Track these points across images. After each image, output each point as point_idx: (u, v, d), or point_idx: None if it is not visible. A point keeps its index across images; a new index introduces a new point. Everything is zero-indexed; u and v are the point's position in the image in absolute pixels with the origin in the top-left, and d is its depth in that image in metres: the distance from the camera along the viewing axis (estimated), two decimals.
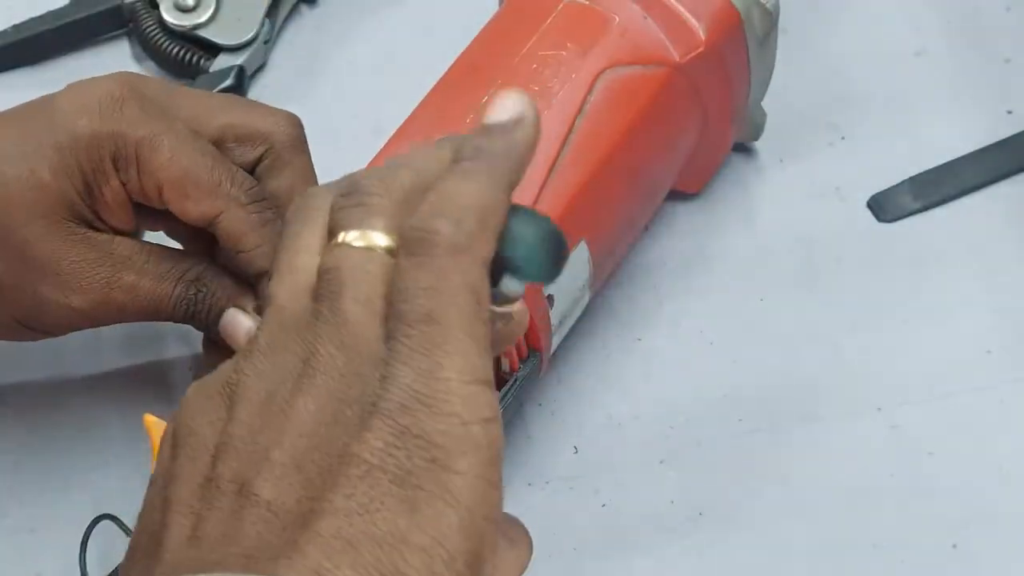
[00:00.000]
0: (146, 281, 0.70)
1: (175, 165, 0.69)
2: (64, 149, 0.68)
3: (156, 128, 0.69)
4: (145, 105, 0.69)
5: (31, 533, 0.76)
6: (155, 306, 0.70)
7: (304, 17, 0.92)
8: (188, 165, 0.69)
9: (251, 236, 0.69)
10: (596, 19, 0.76)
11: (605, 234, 0.75)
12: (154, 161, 0.68)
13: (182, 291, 0.70)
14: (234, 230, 0.69)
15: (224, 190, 0.69)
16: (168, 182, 0.69)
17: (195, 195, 0.69)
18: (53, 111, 0.69)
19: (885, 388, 0.80)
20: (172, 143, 0.69)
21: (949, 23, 0.91)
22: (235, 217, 0.69)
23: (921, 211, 0.85)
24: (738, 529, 0.76)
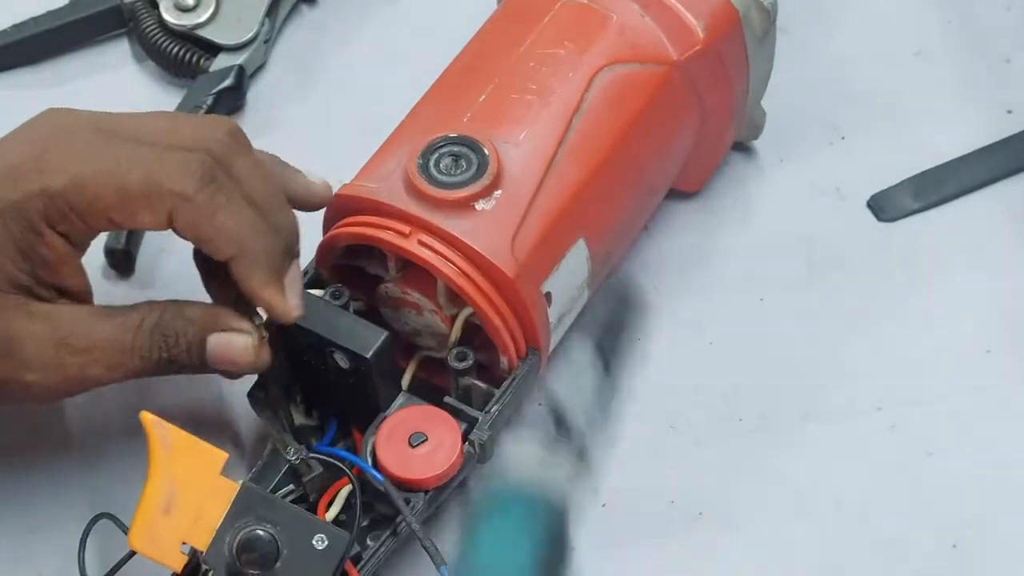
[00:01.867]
0: (99, 341, 0.68)
1: (107, 189, 0.67)
2: (3, 193, 0.67)
3: (76, 166, 0.67)
4: (63, 147, 0.68)
5: (31, 533, 0.76)
6: (121, 365, 0.69)
7: (304, 17, 0.92)
8: (121, 183, 0.67)
9: (204, 226, 0.68)
10: (594, 17, 0.76)
11: (604, 233, 0.75)
12: (85, 197, 0.67)
13: (144, 341, 0.69)
14: (188, 223, 0.68)
15: (168, 188, 0.67)
16: (110, 208, 0.67)
17: (144, 204, 0.68)
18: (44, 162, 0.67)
19: (885, 388, 0.80)
20: (95, 171, 0.67)
21: (949, 23, 0.91)
22: (185, 211, 0.68)
23: (921, 211, 0.85)
24: (738, 529, 0.76)
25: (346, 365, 0.71)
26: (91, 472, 0.77)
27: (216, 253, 0.69)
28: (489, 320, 0.70)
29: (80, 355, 0.68)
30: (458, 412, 0.72)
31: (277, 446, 0.72)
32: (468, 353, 0.72)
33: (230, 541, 0.66)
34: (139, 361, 0.69)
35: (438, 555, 0.68)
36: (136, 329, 0.69)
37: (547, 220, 0.71)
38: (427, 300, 0.72)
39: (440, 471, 0.70)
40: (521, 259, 0.70)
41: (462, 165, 0.71)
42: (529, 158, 0.72)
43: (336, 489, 0.71)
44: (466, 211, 0.70)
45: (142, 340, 0.69)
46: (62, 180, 0.67)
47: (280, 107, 0.89)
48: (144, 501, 0.66)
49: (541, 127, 0.73)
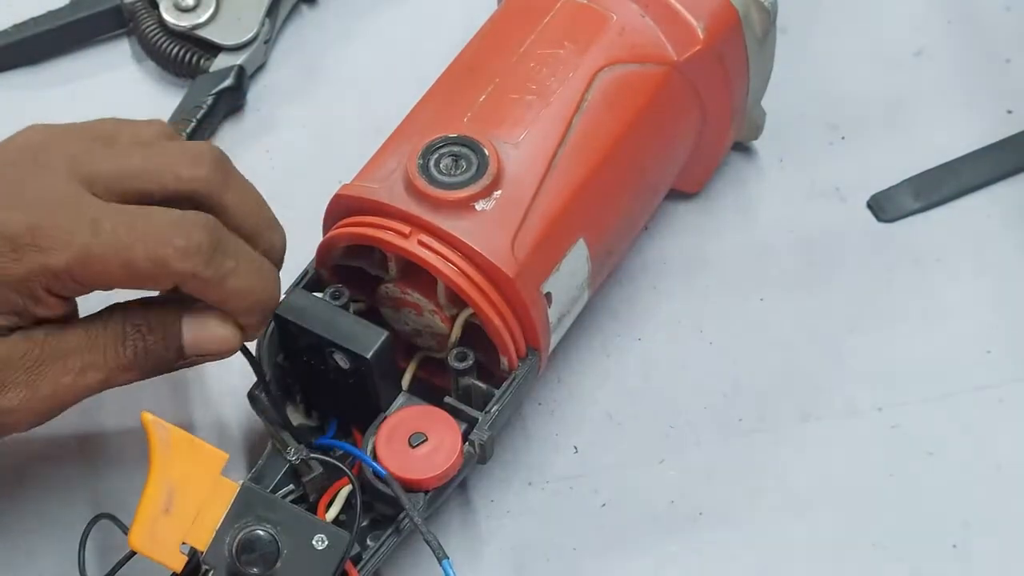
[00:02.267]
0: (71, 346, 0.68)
1: (112, 266, 0.67)
2: None
3: (76, 239, 0.66)
4: (54, 214, 0.66)
5: (31, 533, 0.76)
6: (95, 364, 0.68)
7: (304, 17, 0.92)
8: (126, 259, 0.67)
9: (215, 293, 0.69)
10: (594, 18, 0.76)
11: (604, 233, 0.75)
12: (90, 273, 0.66)
13: (114, 334, 0.68)
14: (198, 291, 0.68)
15: (174, 267, 0.67)
16: (115, 281, 0.67)
17: (144, 279, 0.67)
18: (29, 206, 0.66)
19: (885, 388, 0.80)
20: (98, 246, 0.66)
21: (949, 23, 0.91)
22: (194, 285, 0.68)
23: (921, 211, 0.85)
24: (738, 529, 0.76)
25: (346, 365, 0.71)
26: (91, 472, 0.77)
27: (225, 309, 0.70)
28: (489, 320, 0.71)
29: (56, 368, 0.68)
30: (458, 412, 0.72)
31: (277, 446, 0.72)
32: (468, 353, 0.72)
33: (230, 541, 0.66)
34: (113, 355, 0.69)
35: (440, 549, 0.68)
36: (105, 323, 0.69)
37: (547, 220, 0.71)
38: (427, 300, 0.72)
39: (440, 471, 0.70)
40: (521, 259, 0.70)
41: (462, 165, 0.71)
42: (529, 158, 0.72)
43: (336, 489, 0.71)
44: (466, 211, 0.70)
45: (112, 332, 0.69)
46: (64, 258, 0.66)
47: (280, 107, 0.89)
48: (144, 501, 0.66)
49: (541, 127, 0.73)
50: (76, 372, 0.68)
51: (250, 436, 0.77)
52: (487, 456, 0.72)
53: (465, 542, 0.75)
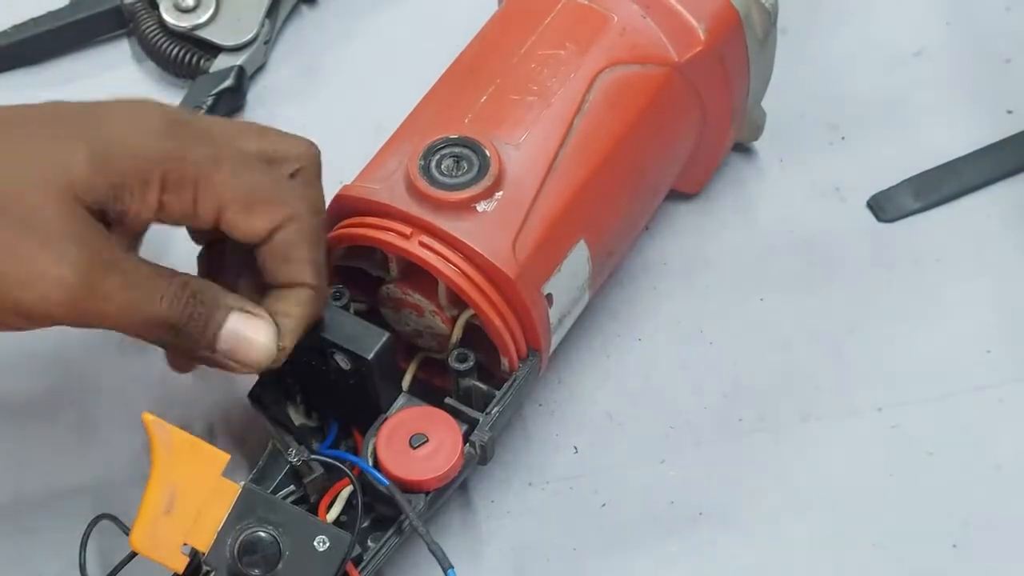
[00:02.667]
0: (142, 270, 0.67)
1: (240, 183, 0.68)
2: (110, 154, 0.66)
3: (212, 148, 0.68)
4: (193, 128, 0.68)
5: (31, 533, 0.76)
6: (146, 301, 0.66)
7: (304, 17, 0.93)
8: (252, 181, 0.68)
9: (305, 247, 0.69)
10: (595, 18, 0.76)
11: (604, 233, 0.75)
12: (217, 179, 0.67)
13: (177, 290, 0.67)
14: (292, 240, 0.68)
15: (286, 201, 0.68)
16: (233, 201, 0.68)
17: (261, 210, 0.68)
18: (104, 116, 0.67)
19: (885, 388, 0.80)
20: (231, 162, 0.68)
21: (949, 23, 0.91)
22: (297, 228, 0.68)
23: (921, 211, 0.85)
24: (738, 529, 0.76)
25: (347, 366, 0.71)
26: (92, 472, 0.77)
27: (298, 276, 0.69)
28: (490, 321, 0.71)
29: (117, 279, 0.66)
30: (459, 413, 0.72)
31: (278, 447, 0.72)
32: (469, 354, 0.72)
33: (231, 542, 0.66)
34: (165, 307, 0.67)
35: (445, 559, 0.68)
36: (171, 277, 0.68)
37: (548, 221, 0.71)
38: (428, 301, 0.72)
39: (441, 472, 0.70)
40: (522, 260, 0.70)
41: (463, 166, 0.71)
42: (530, 159, 0.72)
43: (337, 490, 0.71)
44: (467, 212, 0.70)
45: (176, 291, 0.67)
46: (202, 153, 0.67)
47: (280, 108, 0.89)
48: (145, 502, 0.66)
49: (542, 128, 0.73)
50: (130, 294, 0.66)
51: (251, 437, 0.77)
52: (488, 457, 0.72)
53: (465, 543, 0.75)
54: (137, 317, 0.66)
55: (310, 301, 0.69)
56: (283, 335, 0.69)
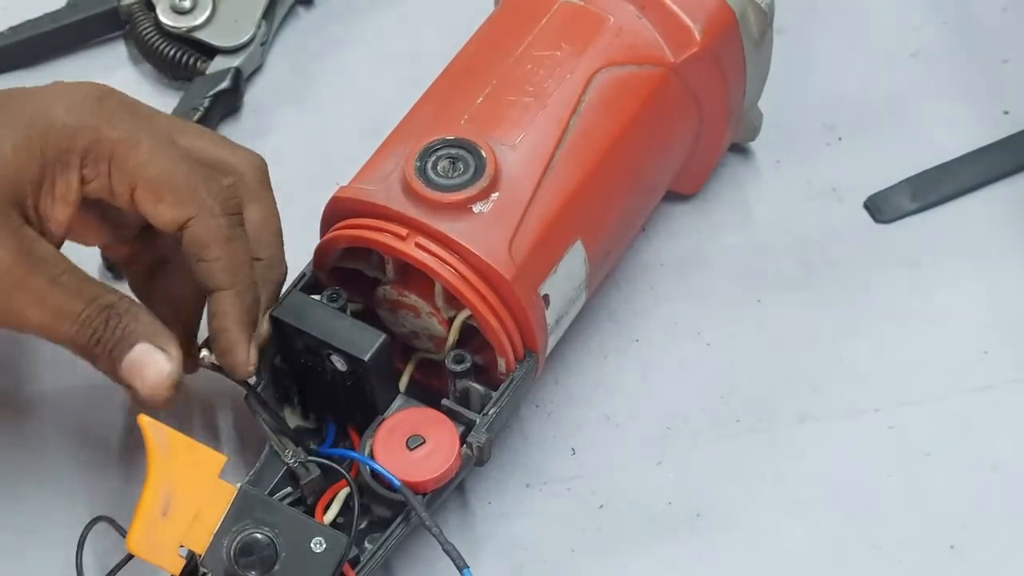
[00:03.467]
0: (57, 292, 0.67)
1: (153, 166, 0.68)
2: (33, 133, 0.67)
3: (136, 128, 0.68)
4: (124, 107, 0.68)
5: (29, 534, 0.76)
6: (58, 322, 0.67)
7: (301, 19, 0.92)
8: (166, 166, 0.68)
9: (216, 247, 0.69)
10: (591, 19, 0.76)
11: (601, 234, 0.75)
12: (131, 160, 0.67)
13: (92, 313, 0.67)
14: (202, 238, 0.68)
15: (199, 196, 0.68)
16: (144, 182, 0.68)
17: (170, 198, 0.68)
18: (31, 98, 0.68)
19: (882, 388, 0.80)
20: (151, 144, 0.68)
21: (946, 24, 0.91)
22: (205, 225, 0.68)
23: (918, 212, 0.85)
24: (736, 530, 0.76)
25: (343, 368, 0.71)
26: (89, 474, 0.77)
27: (211, 279, 0.69)
28: (487, 322, 0.71)
29: (33, 297, 0.66)
30: (456, 414, 0.72)
31: (275, 448, 0.72)
32: (466, 355, 0.72)
33: (228, 544, 0.66)
34: (74, 330, 0.67)
35: (460, 558, 0.68)
36: (93, 299, 0.68)
37: (545, 222, 0.71)
38: (425, 302, 0.72)
39: (438, 473, 0.70)
40: (519, 261, 0.70)
41: (459, 168, 0.71)
42: (526, 160, 0.72)
43: (334, 492, 0.71)
44: (463, 214, 0.70)
45: (92, 312, 0.67)
46: (121, 130, 0.67)
47: (277, 109, 0.89)
48: (142, 504, 0.66)
49: (538, 129, 0.73)
50: (48, 312, 0.67)
51: (248, 439, 0.77)
52: (485, 458, 0.72)
53: (463, 544, 0.75)
54: (50, 332, 0.68)
55: (233, 303, 0.69)
56: (228, 347, 0.69)
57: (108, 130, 0.67)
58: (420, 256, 0.70)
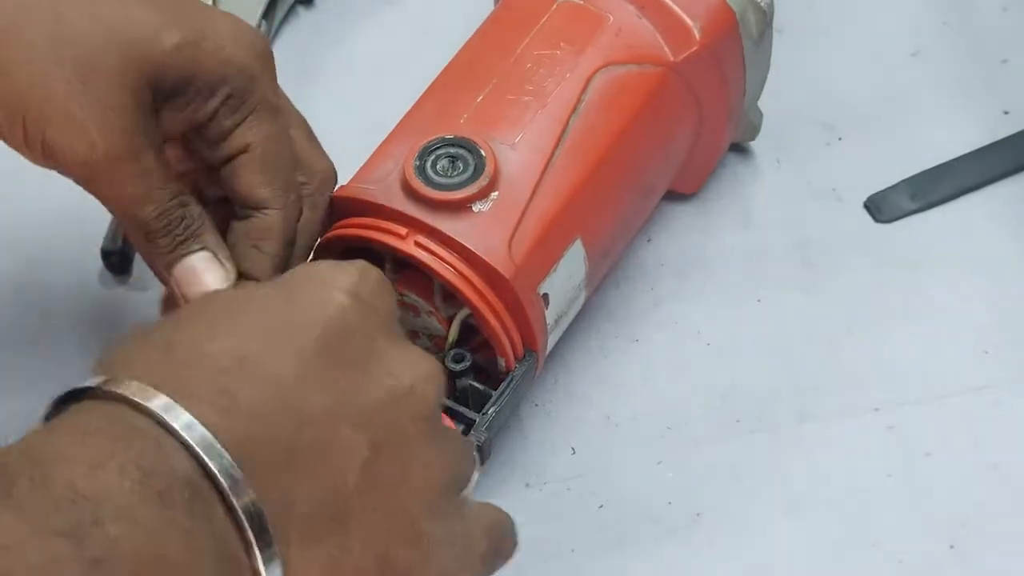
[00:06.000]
0: (156, 172, 0.67)
1: (275, 143, 0.70)
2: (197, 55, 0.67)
3: (279, 101, 0.71)
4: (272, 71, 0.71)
5: None
6: (145, 200, 0.67)
7: (300, 18, 0.93)
8: (283, 153, 0.70)
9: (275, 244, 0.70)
10: (590, 18, 0.76)
11: (601, 234, 0.75)
12: (262, 126, 0.69)
13: (174, 205, 0.68)
14: (270, 230, 0.70)
15: (290, 194, 0.70)
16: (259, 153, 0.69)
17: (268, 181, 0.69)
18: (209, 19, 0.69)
19: (882, 388, 0.79)
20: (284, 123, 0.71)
21: (946, 24, 0.91)
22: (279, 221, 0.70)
23: (918, 211, 0.85)
24: (736, 530, 0.76)
25: None
26: None
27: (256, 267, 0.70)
28: (486, 321, 0.71)
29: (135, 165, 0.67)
30: (455, 413, 0.72)
31: None
32: (465, 354, 0.72)
33: None
34: (149, 211, 0.68)
35: None
36: (174, 192, 0.68)
37: (544, 221, 0.71)
38: (424, 301, 0.72)
39: None
40: (518, 260, 0.70)
41: (459, 167, 0.71)
42: (526, 159, 0.72)
43: None
44: (463, 212, 0.70)
45: (170, 203, 0.68)
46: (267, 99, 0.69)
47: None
48: None
49: (538, 128, 0.73)
50: (133, 186, 0.67)
51: None
52: (484, 457, 0.72)
53: None
54: (127, 208, 0.68)
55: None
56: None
57: (264, 87, 0.69)
58: (420, 255, 0.70)
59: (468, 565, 0.62)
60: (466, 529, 0.61)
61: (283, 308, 0.58)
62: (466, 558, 0.61)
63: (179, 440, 0.53)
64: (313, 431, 0.55)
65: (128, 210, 0.68)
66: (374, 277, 0.60)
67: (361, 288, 0.59)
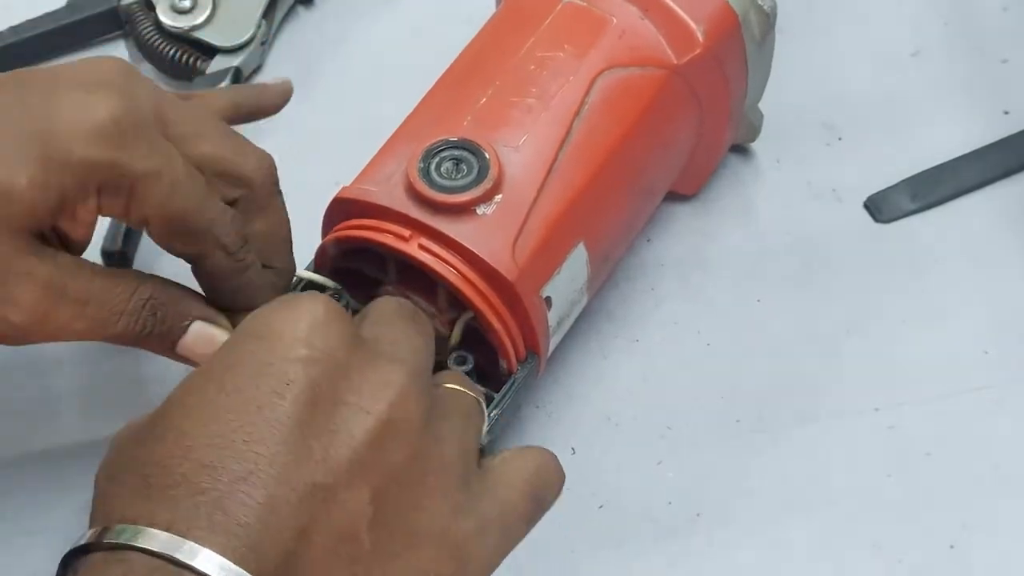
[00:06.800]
0: (95, 298, 0.67)
1: (172, 204, 0.66)
2: (51, 165, 0.64)
3: (158, 163, 0.66)
4: (146, 132, 0.66)
5: (29, 536, 0.76)
6: (104, 326, 0.67)
7: (301, 18, 0.92)
8: (184, 206, 0.67)
9: (230, 281, 0.69)
10: (594, 20, 0.76)
11: (603, 236, 0.75)
12: (151, 197, 0.66)
13: (136, 310, 0.68)
14: (215, 273, 0.69)
15: (212, 236, 0.68)
16: (159, 219, 0.67)
17: (184, 238, 0.68)
18: (48, 118, 0.65)
19: (883, 389, 0.80)
20: (171, 181, 0.66)
21: (946, 24, 0.91)
22: (218, 263, 0.69)
23: (918, 212, 0.85)
24: (736, 530, 0.76)
25: None
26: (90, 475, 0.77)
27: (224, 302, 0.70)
28: (489, 324, 0.70)
29: (71, 307, 0.66)
30: None
31: None
32: (468, 356, 0.72)
33: None
34: (122, 327, 0.68)
35: None
36: (131, 296, 0.68)
37: (548, 224, 0.71)
38: (427, 304, 0.72)
39: None
40: (521, 263, 0.70)
41: (463, 169, 0.71)
42: (530, 162, 0.72)
43: None
44: (467, 215, 0.70)
45: (134, 308, 0.68)
46: (142, 167, 0.65)
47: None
48: None
49: (541, 131, 0.73)
50: (89, 321, 0.67)
51: None
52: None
53: None
54: (97, 336, 0.68)
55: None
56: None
57: (129, 164, 0.65)
58: (423, 257, 0.70)
59: (512, 536, 0.62)
60: (502, 500, 0.61)
61: (243, 397, 0.57)
62: (509, 533, 0.62)
63: None
64: (309, 508, 0.55)
65: (98, 337, 0.68)
66: (321, 315, 0.59)
67: (314, 338, 0.58)
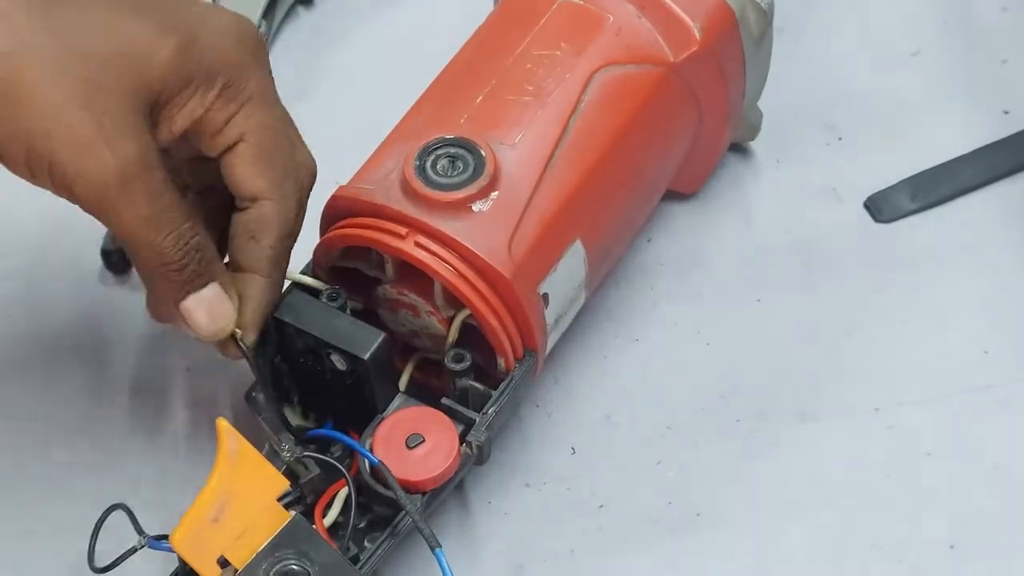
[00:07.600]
0: (167, 198, 0.66)
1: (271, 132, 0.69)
2: (195, 47, 0.67)
3: (272, 88, 0.70)
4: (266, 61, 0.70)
5: (30, 536, 0.76)
6: (159, 226, 0.66)
7: (300, 18, 0.93)
8: (279, 139, 0.70)
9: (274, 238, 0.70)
10: (591, 18, 0.76)
11: (601, 234, 0.75)
12: (260, 115, 0.69)
13: (184, 234, 0.67)
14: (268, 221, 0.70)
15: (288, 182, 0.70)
16: (255, 140, 0.69)
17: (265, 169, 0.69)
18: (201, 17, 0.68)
19: (882, 388, 0.79)
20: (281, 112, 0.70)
21: (946, 24, 0.91)
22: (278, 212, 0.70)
23: (918, 211, 0.85)
24: (735, 529, 0.76)
25: (343, 367, 0.71)
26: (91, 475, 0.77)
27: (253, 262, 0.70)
28: (486, 321, 0.71)
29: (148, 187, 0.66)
30: (455, 413, 0.72)
31: (274, 448, 0.72)
32: (465, 354, 0.72)
33: (267, 568, 0.65)
34: (168, 244, 0.67)
35: (433, 537, 0.67)
36: (189, 223, 0.67)
37: (544, 221, 0.71)
38: (424, 302, 0.72)
39: (437, 472, 0.70)
40: (518, 260, 0.70)
41: (459, 167, 0.71)
42: (526, 159, 0.72)
43: (333, 492, 0.71)
44: (463, 213, 0.70)
45: (186, 234, 0.67)
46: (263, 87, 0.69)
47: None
48: (196, 505, 0.65)
49: (538, 128, 0.73)
50: (148, 208, 0.66)
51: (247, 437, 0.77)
52: (484, 457, 0.72)
53: (463, 544, 0.75)
54: (141, 234, 0.67)
55: (264, 292, 0.70)
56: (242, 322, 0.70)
57: (257, 77, 0.69)
58: (419, 255, 0.70)
59: None
60: None
61: None
62: None
63: None
64: None
65: (143, 236, 0.67)
66: None
67: None
